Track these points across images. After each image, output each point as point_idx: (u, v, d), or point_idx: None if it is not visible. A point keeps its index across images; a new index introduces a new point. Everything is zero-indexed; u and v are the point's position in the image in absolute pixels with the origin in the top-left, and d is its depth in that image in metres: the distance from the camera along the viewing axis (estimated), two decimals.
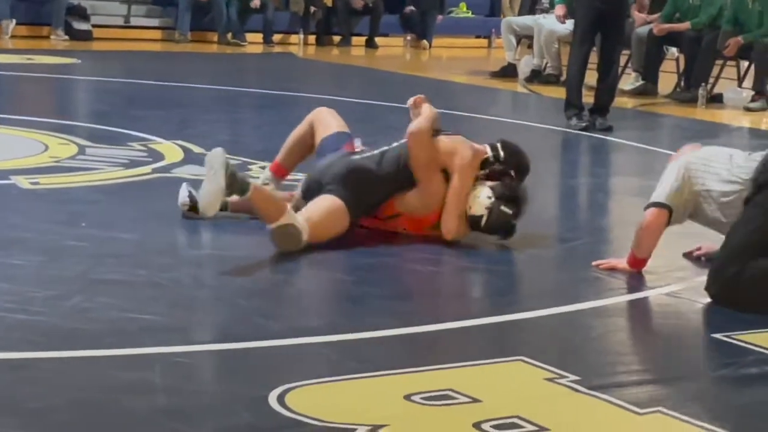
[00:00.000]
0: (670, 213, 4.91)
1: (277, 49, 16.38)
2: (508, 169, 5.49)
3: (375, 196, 5.40)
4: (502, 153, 5.52)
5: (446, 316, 4.44)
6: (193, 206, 5.43)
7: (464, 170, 5.40)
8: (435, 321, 4.33)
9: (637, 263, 5.01)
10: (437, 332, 4.22)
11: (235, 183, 4.97)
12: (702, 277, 4.89)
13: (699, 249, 5.32)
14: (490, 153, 5.52)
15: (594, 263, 5.10)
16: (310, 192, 5.39)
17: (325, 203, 5.26)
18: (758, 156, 4.89)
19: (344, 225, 5.26)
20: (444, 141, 5.48)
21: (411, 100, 5.68)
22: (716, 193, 4.87)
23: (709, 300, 4.65)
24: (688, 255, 5.35)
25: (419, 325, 4.24)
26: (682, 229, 5.18)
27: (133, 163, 6.93)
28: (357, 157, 5.48)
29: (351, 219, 5.28)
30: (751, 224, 4.65)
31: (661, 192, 4.96)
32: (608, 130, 9.58)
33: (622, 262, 5.04)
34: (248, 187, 5.01)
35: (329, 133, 5.66)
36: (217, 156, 4.96)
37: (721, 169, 4.89)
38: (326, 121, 5.75)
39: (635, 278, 4.96)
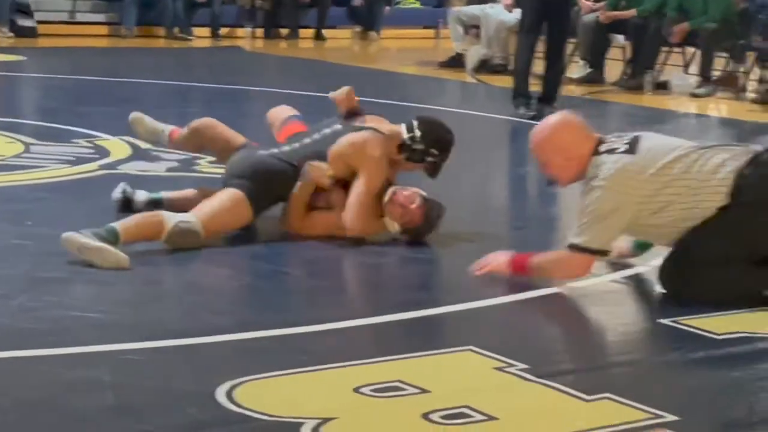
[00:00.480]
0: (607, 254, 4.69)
1: (225, 42, 16.30)
2: (428, 149, 5.36)
3: (280, 191, 5.28)
4: (418, 132, 5.36)
5: (394, 307, 4.44)
6: (126, 202, 5.49)
7: (371, 170, 5.26)
8: (383, 312, 4.33)
9: (522, 273, 4.74)
10: (385, 324, 4.22)
11: (105, 239, 4.75)
12: (647, 264, 4.93)
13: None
14: (406, 134, 5.38)
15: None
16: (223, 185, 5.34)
17: (222, 195, 5.17)
18: (723, 163, 4.57)
19: (244, 216, 5.16)
20: (351, 140, 5.35)
21: (340, 93, 5.66)
22: (677, 218, 4.57)
23: (655, 286, 4.68)
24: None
25: (367, 317, 4.25)
26: None
27: (79, 160, 6.88)
28: (264, 152, 5.39)
29: (255, 211, 5.18)
30: (720, 236, 4.51)
31: (600, 237, 4.57)
32: None
33: (499, 264, 4.78)
34: (117, 235, 4.80)
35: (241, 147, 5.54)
36: (69, 241, 4.72)
37: (677, 200, 4.55)
38: (225, 138, 5.59)
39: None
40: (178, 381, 3.52)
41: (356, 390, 3.47)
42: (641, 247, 5.00)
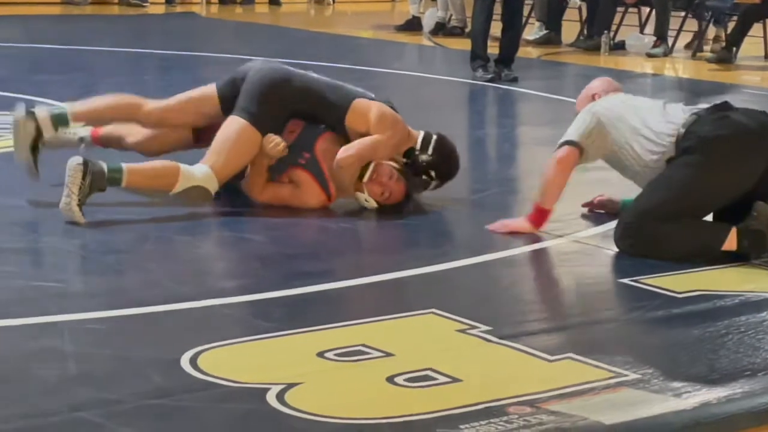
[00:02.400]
0: (580, 152, 4.80)
1: (180, 8, 16.17)
2: (429, 167, 5.29)
3: (292, 105, 5.24)
4: (430, 149, 5.29)
5: (357, 271, 4.45)
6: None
7: (385, 143, 5.20)
8: (346, 277, 4.33)
9: (540, 218, 4.84)
10: (348, 288, 4.22)
11: (100, 180, 4.78)
12: (607, 224, 4.95)
13: (599, 198, 5.29)
14: (419, 142, 5.30)
15: (487, 227, 4.96)
16: (231, 84, 5.30)
17: (228, 133, 5.08)
18: (675, 117, 4.77)
19: (254, 148, 5.09)
20: (388, 110, 5.27)
21: None
22: (636, 150, 4.76)
23: (615, 245, 4.70)
24: (587, 205, 5.32)
25: (330, 282, 4.24)
26: (584, 177, 5.24)
27: None
28: (290, 67, 5.37)
29: (264, 133, 5.11)
30: (666, 188, 4.60)
31: (571, 131, 4.85)
32: (514, 80, 9.63)
33: (517, 222, 4.92)
34: (121, 176, 4.83)
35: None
36: (71, 167, 4.79)
37: (640, 125, 4.78)
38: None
39: (542, 227, 4.98)
40: (142, 349, 3.51)
41: (320, 355, 3.47)
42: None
